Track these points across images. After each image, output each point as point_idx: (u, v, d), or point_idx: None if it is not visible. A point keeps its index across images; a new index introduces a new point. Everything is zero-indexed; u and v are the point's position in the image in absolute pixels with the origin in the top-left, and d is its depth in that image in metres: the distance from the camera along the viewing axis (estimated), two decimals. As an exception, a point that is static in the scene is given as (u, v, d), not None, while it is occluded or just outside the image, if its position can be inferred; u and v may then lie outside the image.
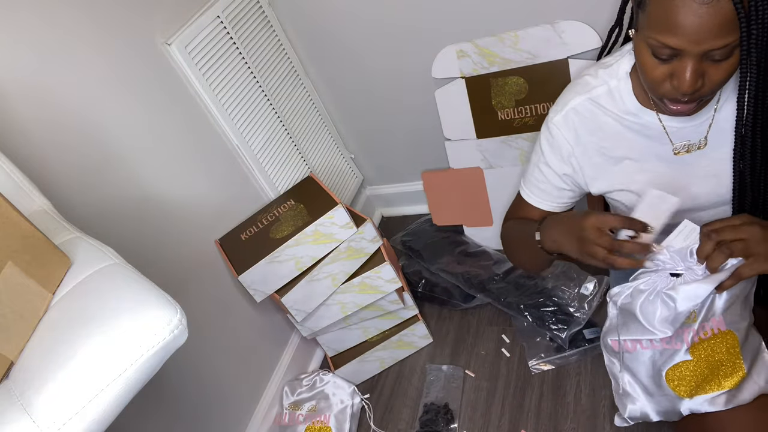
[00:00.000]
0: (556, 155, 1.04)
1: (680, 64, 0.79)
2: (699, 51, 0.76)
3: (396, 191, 2.01)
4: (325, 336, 1.52)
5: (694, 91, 0.79)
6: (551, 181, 1.07)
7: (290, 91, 1.63)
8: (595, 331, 1.42)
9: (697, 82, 0.78)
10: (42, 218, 0.81)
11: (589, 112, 0.98)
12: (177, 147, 1.28)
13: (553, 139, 1.03)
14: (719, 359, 0.85)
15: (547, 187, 1.08)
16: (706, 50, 0.76)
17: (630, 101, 0.94)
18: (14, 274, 0.64)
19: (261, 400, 1.49)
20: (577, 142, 1.01)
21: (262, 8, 1.53)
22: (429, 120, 1.68)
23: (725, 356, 0.85)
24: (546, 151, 1.05)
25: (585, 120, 0.99)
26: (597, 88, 0.97)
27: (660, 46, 0.79)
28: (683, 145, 0.93)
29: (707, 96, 0.83)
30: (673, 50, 0.78)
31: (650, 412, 0.93)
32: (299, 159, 1.64)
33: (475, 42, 1.45)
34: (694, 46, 0.75)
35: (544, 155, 1.05)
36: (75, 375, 0.58)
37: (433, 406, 1.44)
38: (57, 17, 1.04)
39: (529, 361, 1.44)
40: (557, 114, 1.01)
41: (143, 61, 1.21)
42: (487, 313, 1.63)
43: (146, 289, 0.65)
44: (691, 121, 0.91)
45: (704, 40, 0.75)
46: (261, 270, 1.32)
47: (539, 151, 1.07)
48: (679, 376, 0.88)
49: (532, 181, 1.10)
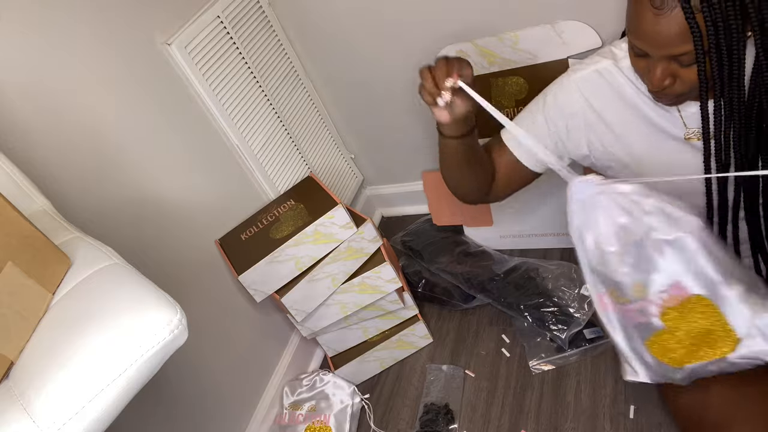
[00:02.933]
0: (558, 108, 1.02)
1: (651, 62, 0.83)
2: (661, 55, 0.80)
3: (396, 191, 2.01)
4: (325, 336, 1.52)
5: (663, 89, 0.84)
6: (538, 133, 1.04)
7: (290, 91, 1.63)
8: (596, 331, 1.42)
9: (665, 80, 0.82)
10: (42, 218, 0.81)
11: (611, 76, 0.98)
12: (177, 147, 1.28)
13: (564, 94, 1.02)
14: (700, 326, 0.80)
15: (527, 142, 0.97)
16: (667, 55, 0.79)
17: None
18: (14, 274, 0.64)
19: (261, 400, 1.49)
20: (589, 106, 1.00)
21: (262, 8, 1.53)
22: (429, 120, 1.67)
23: (705, 322, 0.80)
24: (549, 101, 1.03)
25: (604, 85, 0.98)
26: (623, 60, 0.97)
27: (632, 45, 0.84)
28: (693, 131, 0.93)
29: (682, 93, 0.85)
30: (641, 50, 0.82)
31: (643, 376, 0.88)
32: (299, 159, 1.64)
33: (475, 42, 1.45)
34: (655, 50, 0.80)
35: (546, 105, 1.04)
36: (75, 375, 0.58)
37: (433, 407, 1.44)
38: (57, 17, 1.04)
39: (530, 361, 1.44)
40: (578, 72, 1.00)
41: (143, 61, 1.21)
42: (487, 314, 1.63)
43: (146, 289, 0.65)
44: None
45: (663, 47, 0.79)
46: (261, 270, 1.32)
47: (541, 101, 1.05)
48: (661, 346, 0.83)
49: (518, 123, 1.04)
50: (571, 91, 1.01)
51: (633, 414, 1.25)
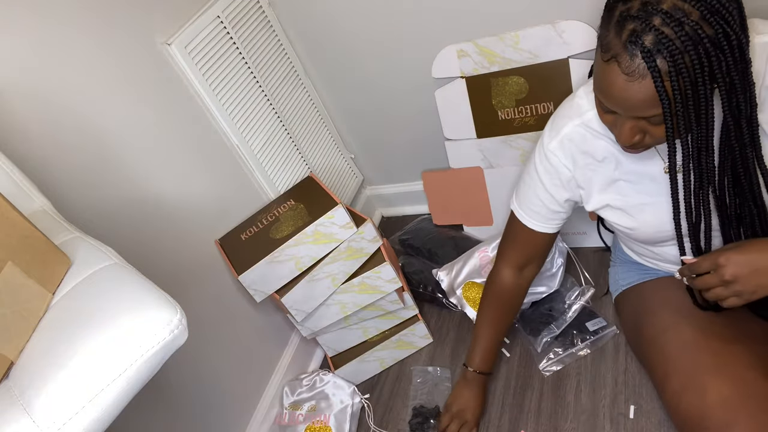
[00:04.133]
0: (555, 183, 1.07)
1: (620, 119, 0.84)
2: (629, 116, 0.81)
3: (396, 191, 2.01)
4: (325, 336, 1.52)
5: (632, 145, 0.85)
6: (548, 207, 1.11)
7: (290, 91, 1.63)
8: (599, 322, 1.42)
9: (634, 137, 0.84)
10: (42, 218, 0.81)
11: (580, 137, 1.01)
12: (177, 147, 1.28)
13: (552, 167, 1.06)
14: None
15: (543, 211, 1.12)
16: (637, 117, 0.80)
17: None
18: (14, 274, 0.64)
19: (261, 400, 1.49)
20: (575, 165, 1.04)
21: (262, 8, 1.53)
22: (429, 120, 1.68)
23: None
24: (545, 180, 1.08)
25: (578, 145, 1.01)
26: (588, 111, 0.99)
27: (600, 102, 0.85)
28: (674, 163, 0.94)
29: (651, 146, 0.87)
30: (609, 108, 0.83)
31: None
32: (299, 159, 1.64)
33: (475, 41, 1.45)
34: (624, 111, 0.81)
35: (543, 183, 1.08)
36: (75, 375, 0.58)
37: (423, 409, 1.43)
38: (56, 17, 1.04)
39: (539, 364, 1.42)
40: (552, 140, 1.04)
41: (143, 61, 1.21)
42: (487, 313, 1.62)
43: (146, 289, 0.65)
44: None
45: (632, 110, 0.79)
46: (261, 270, 1.32)
47: (536, 178, 1.09)
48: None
49: (528, 206, 1.14)
50: (555, 162, 1.05)
51: (633, 414, 1.25)
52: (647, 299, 1.15)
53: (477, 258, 1.56)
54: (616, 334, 1.40)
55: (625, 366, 1.34)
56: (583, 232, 1.63)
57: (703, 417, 0.89)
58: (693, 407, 0.92)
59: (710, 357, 0.95)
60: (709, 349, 0.96)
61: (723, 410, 0.88)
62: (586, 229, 1.62)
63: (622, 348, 1.37)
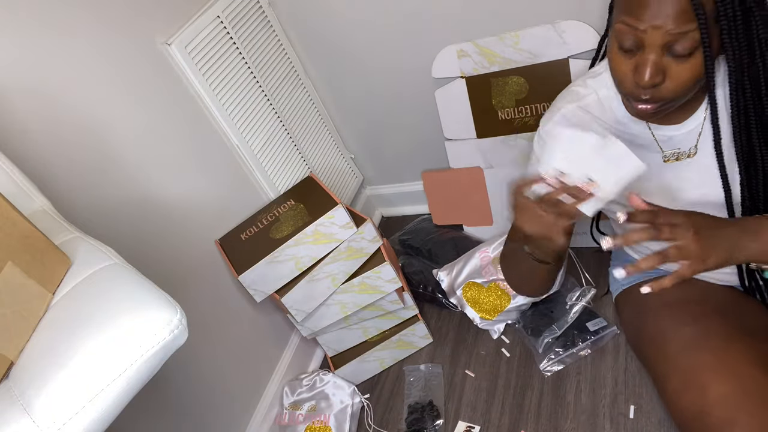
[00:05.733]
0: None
1: (642, 56, 0.79)
2: (660, 39, 0.76)
3: (396, 191, 2.01)
4: (325, 336, 1.52)
5: (653, 85, 0.79)
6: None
7: (290, 91, 1.63)
8: (599, 322, 1.42)
9: (657, 76, 0.78)
10: (42, 218, 0.81)
11: (578, 119, 0.99)
12: (177, 147, 1.28)
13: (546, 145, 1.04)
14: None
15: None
16: (667, 41, 0.76)
17: (619, 110, 0.95)
18: (14, 274, 0.64)
19: (261, 400, 1.49)
20: None
21: (262, 8, 1.53)
22: (429, 120, 1.68)
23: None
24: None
25: (573, 123, 0.99)
26: (587, 96, 0.98)
27: (625, 31, 0.79)
28: (673, 153, 0.93)
29: (670, 97, 0.83)
30: (636, 35, 0.78)
31: None
32: (299, 159, 1.64)
33: (475, 42, 1.45)
34: (657, 21, 0.75)
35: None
36: (75, 375, 0.58)
37: (417, 406, 1.44)
38: (56, 17, 1.04)
39: (540, 364, 1.42)
40: (548, 122, 1.02)
41: (143, 61, 1.21)
42: (487, 313, 1.62)
43: (146, 289, 0.65)
44: (681, 129, 0.92)
45: (666, 18, 0.74)
46: (261, 270, 1.32)
47: (535, 161, 1.08)
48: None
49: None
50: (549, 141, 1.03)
51: (633, 414, 1.25)
52: (647, 299, 1.15)
53: (478, 258, 1.56)
54: (617, 334, 1.40)
55: (625, 366, 1.34)
56: (583, 232, 1.63)
57: (703, 414, 0.89)
58: (693, 405, 0.91)
59: (710, 355, 0.95)
60: (710, 348, 0.96)
61: (723, 408, 0.87)
62: (587, 229, 1.61)
63: (623, 348, 1.38)
